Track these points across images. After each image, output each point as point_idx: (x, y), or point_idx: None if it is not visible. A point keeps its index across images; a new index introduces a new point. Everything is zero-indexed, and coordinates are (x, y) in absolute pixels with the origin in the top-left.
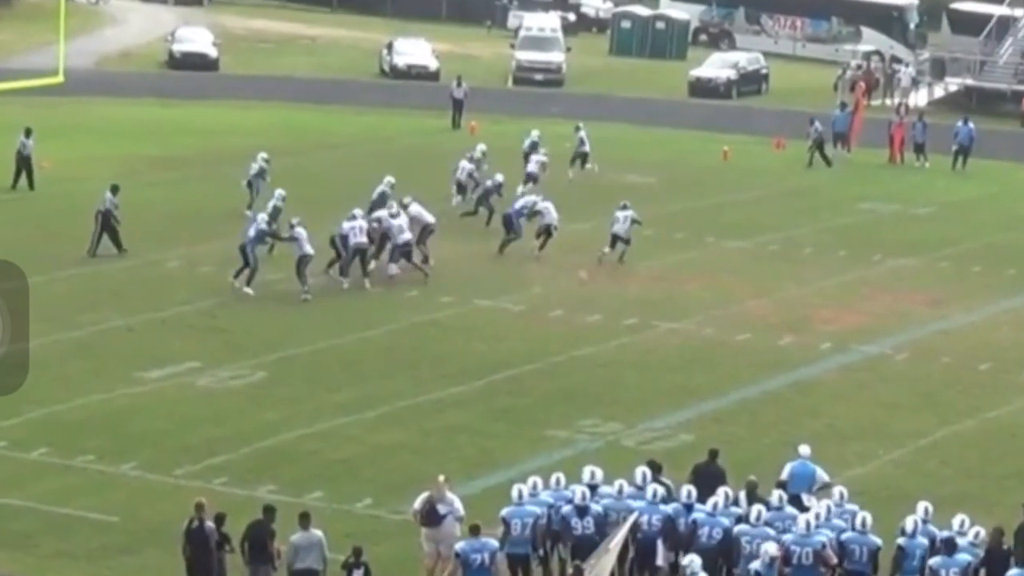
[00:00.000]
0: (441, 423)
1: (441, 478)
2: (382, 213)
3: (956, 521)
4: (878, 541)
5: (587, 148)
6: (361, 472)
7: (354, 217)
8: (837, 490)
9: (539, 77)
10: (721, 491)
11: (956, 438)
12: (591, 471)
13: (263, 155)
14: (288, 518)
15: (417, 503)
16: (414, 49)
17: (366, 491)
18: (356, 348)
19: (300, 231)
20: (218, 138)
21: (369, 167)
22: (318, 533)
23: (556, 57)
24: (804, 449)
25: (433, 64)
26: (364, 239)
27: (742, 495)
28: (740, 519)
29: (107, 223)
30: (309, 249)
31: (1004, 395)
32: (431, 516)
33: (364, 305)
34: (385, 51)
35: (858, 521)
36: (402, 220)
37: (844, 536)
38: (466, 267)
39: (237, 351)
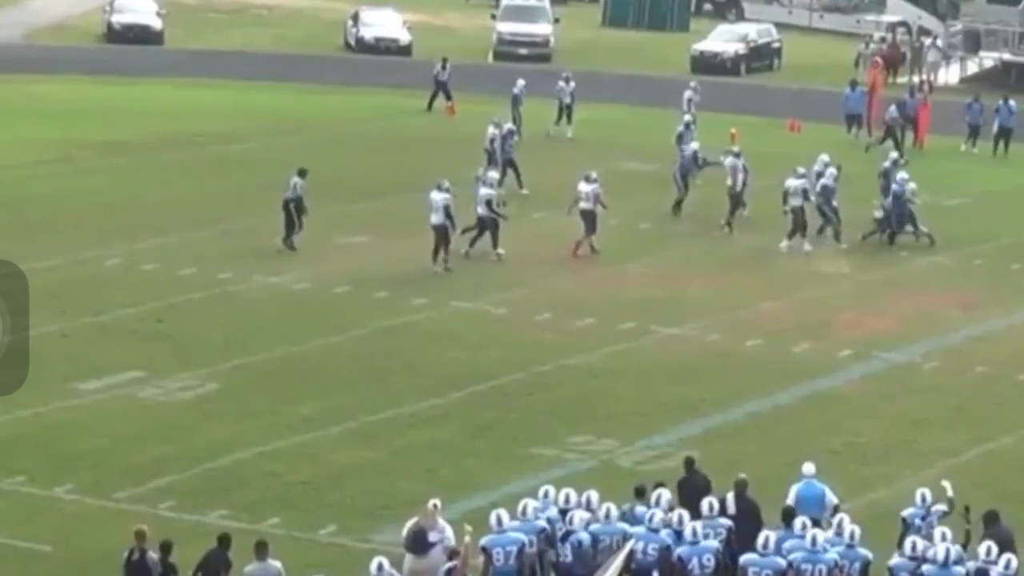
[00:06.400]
0: (414, 440)
1: (432, 504)
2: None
3: (982, 549)
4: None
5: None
6: (324, 496)
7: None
8: (920, 493)
9: (523, 51)
10: (706, 502)
11: (992, 457)
12: (566, 494)
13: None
14: (242, 547)
15: (405, 530)
16: (383, 20)
17: (329, 517)
18: (319, 356)
19: (432, 195)
20: (163, 121)
21: (333, 153)
22: (276, 564)
23: (543, 29)
24: (808, 467)
25: (404, 37)
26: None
27: (729, 498)
28: (729, 533)
29: (294, 211)
30: (435, 219)
31: None
32: (418, 543)
33: (328, 308)
34: (350, 22)
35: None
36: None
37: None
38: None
39: (185, 359)
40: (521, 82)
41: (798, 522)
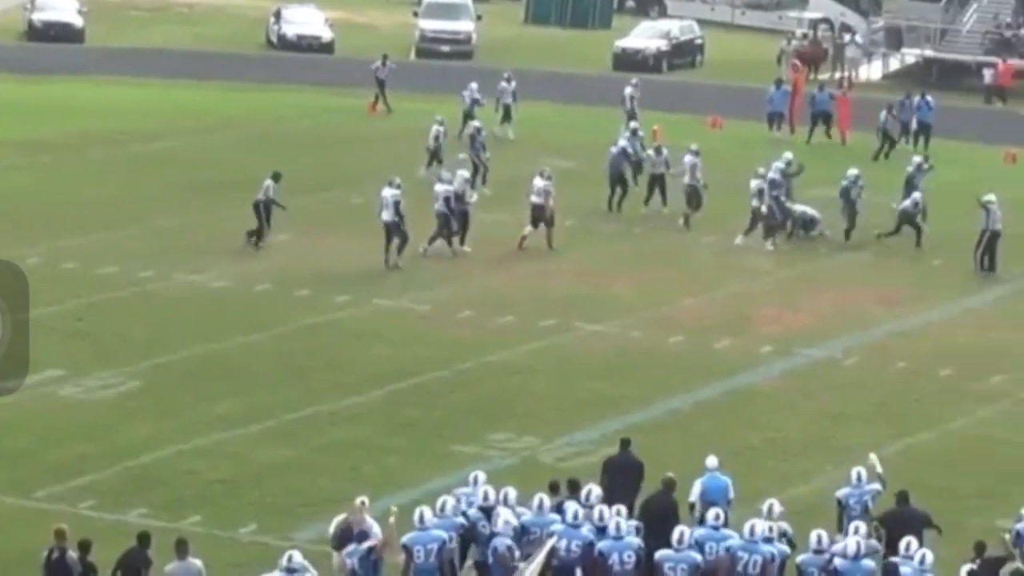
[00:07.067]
0: (335, 438)
1: (359, 501)
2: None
3: (902, 544)
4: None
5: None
6: (244, 494)
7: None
8: (855, 471)
9: (445, 48)
10: (612, 521)
11: (913, 452)
12: (484, 491)
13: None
14: (163, 546)
15: (332, 527)
16: (305, 17)
17: (250, 515)
18: (240, 354)
19: (384, 192)
20: (85, 119)
21: (257, 151)
22: (197, 563)
23: (465, 26)
24: (712, 460)
25: (326, 34)
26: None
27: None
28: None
29: (263, 212)
30: (385, 216)
31: (966, 404)
32: (348, 540)
33: (249, 306)
34: (272, 20)
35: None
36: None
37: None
38: (364, 262)
39: (105, 358)
40: (474, 85)
41: (711, 513)
